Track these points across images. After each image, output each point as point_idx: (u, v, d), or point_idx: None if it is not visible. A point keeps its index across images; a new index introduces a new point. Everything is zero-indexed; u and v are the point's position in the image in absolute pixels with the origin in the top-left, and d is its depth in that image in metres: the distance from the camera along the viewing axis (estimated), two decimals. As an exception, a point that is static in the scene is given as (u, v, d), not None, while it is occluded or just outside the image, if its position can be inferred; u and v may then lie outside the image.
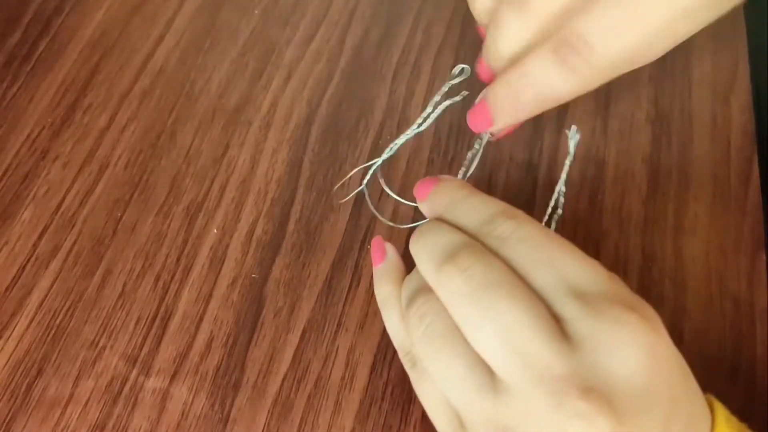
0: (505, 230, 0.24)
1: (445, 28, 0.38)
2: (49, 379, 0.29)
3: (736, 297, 0.30)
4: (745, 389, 0.26)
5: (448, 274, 0.23)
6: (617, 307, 0.21)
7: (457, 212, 0.26)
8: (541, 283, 0.22)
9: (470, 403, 0.22)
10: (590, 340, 0.21)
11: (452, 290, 0.23)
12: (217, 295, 0.31)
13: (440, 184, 0.28)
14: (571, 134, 0.32)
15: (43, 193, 0.33)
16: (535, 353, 0.21)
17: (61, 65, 0.37)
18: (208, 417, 0.28)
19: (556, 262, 0.23)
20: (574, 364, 0.21)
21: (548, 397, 0.20)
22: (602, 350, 0.21)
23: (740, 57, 0.36)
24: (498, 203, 0.26)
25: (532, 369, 0.21)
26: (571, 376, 0.20)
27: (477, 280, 0.22)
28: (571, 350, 0.21)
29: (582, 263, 0.23)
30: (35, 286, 0.31)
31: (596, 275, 0.22)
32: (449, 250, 0.24)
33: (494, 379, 0.22)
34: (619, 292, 0.22)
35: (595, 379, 0.20)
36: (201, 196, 0.33)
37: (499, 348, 0.21)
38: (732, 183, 0.32)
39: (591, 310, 0.21)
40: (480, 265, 0.23)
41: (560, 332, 0.21)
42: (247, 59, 0.37)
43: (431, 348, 0.23)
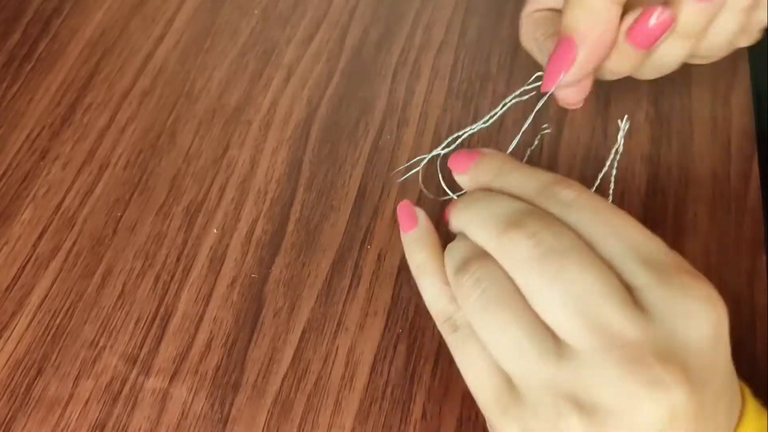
0: (567, 196, 0.23)
1: (445, 28, 0.38)
2: (49, 379, 0.29)
3: (736, 296, 0.30)
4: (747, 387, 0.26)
5: (513, 240, 0.22)
6: (687, 276, 0.21)
7: (509, 181, 0.25)
8: (610, 251, 0.22)
9: (530, 367, 0.21)
10: (662, 308, 0.21)
11: (519, 256, 0.22)
12: (216, 295, 0.31)
13: (484, 157, 0.27)
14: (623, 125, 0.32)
15: (43, 193, 0.33)
16: (607, 319, 0.20)
17: (61, 65, 0.37)
18: (208, 417, 0.28)
19: (623, 231, 0.22)
20: (648, 331, 0.20)
21: (622, 362, 0.20)
22: (676, 319, 0.20)
23: (740, 57, 0.36)
24: (552, 173, 0.25)
25: (604, 335, 0.20)
26: (645, 343, 0.20)
27: (546, 246, 0.22)
28: (644, 318, 0.21)
29: (647, 234, 0.23)
30: (35, 286, 0.31)
31: (661, 247, 0.22)
32: (511, 217, 0.23)
33: (559, 345, 0.21)
34: (685, 265, 0.22)
35: (671, 347, 0.20)
36: (201, 196, 0.33)
37: (570, 313, 0.21)
38: (732, 183, 0.32)
39: (662, 279, 0.21)
40: (548, 232, 0.22)
41: (632, 300, 0.21)
42: (247, 59, 0.37)
43: (486, 312, 0.23)
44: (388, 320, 0.30)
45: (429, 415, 0.28)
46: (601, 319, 0.20)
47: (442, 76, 0.36)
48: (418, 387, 0.28)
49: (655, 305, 0.21)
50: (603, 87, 0.35)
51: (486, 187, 0.26)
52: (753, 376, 0.28)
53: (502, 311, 0.22)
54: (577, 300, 0.21)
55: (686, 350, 0.20)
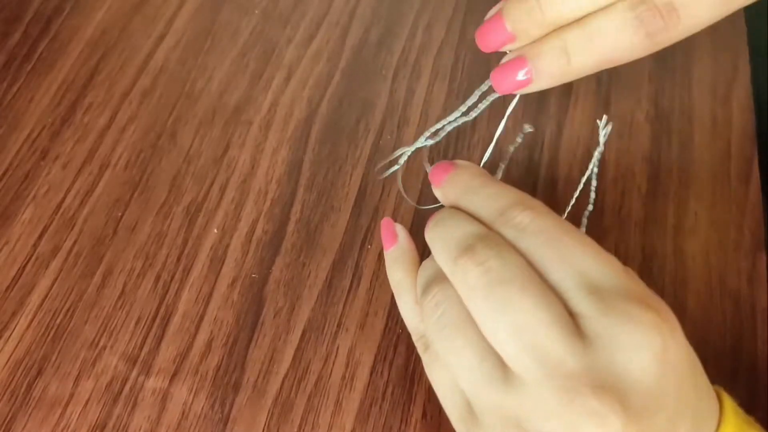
0: (522, 221, 0.23)
1: (445, 28, 0.38)
2: (49, 379, 0.29)
3: (737, 296, 0.30)
4: (745, 388, 0.26)
5: (463, 267, 0.23)
6: (632, 304, 0.21)
7: (473, 201, 0.26)
8: (557, 278, 0.22)
9: (480, 392, 0.22)
10: (604, 337, 0.21)
11: (468, 283, 0.23)
12: (217, 295, 0.31)
13: (455, 171, 0.27)
14: (602, 125, 0.31)
15: (44, 193, 0.33)
16: (548, 349, 0.21)
17: (61, 65, 0.37)
18: (208, 417, 0.28)
19: (572, 257, 0.22)
20: (588, 361, 0.20)
21: (560, 393, 0.20)
22: (616, 349, 0.21)
23: (740, 57, 0.36)
24: (515, 193, 0.25)
25: (544, 364, 0.21)
26: (583, 373, 0.20)
27: (493, 274, 0.22)
28: (584, 347, 0.21)
29: (598, 258, 0.23)
30: (35, 286, 0.31)
31: (612, 270, 0.22)
32: (466, 242, 0.23)
33: (506, 371, 0.22)
34: (634, 289, 0.22)
35: (608, 377, 0.20)
36: (201, 196, 0.33)
37: (513, 342, 0.21)
38: (732, 182, 0.32)
39: (606, 307, 0.21)
40: (496, 259, 0.22)
41: (575, 329, 0.21)
42: (248, 59, 0.37)
43: (444, 336, 0.23)
44: (388, 320, 0.30)
45: (429, 415, 0.28)
46: (543, 349, 0.21)
47: (443, 76, 0.36)
48: (418, 387, 0.28)
49: (596, 334, 0.21)
50: (603, 87, 0.35)
51: (455, 204, 0.26)
52: (753, 376, 0.28)
53: (456, 336, 0.23)
54: (520, 329, 0.21)
55: (625, 379, 0.20)
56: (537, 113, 0.34)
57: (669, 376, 0.21)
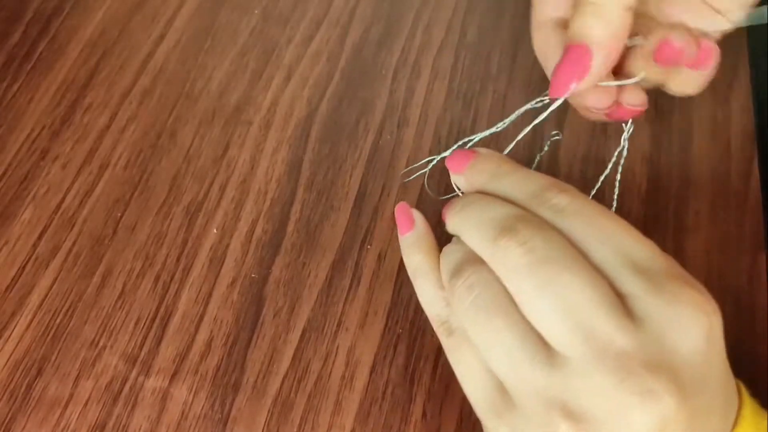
0: (559, 203, 0.23)
1: (445, 28, 0.38)
2: (48, 379, 0.29)
3: (737, 296, 0.30)
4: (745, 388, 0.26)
5: (505, 247, 0.22)
6: (679, 283, 0.21)
7: (504, 185, 0.25)
8: (602, 258, 0.22)
9: (521, 374, 0.22)
10: (654, 316, 0.21)
11: (511, 263, 0.22)
12: (217, 295, 0.31)
13: (481, 158, 0.27)
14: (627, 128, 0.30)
15: (43, 193, 0.33)
16: (598, 327, 0.20)
17: (61, 65, 0.37)
18: (208, 417, 0.28)
19: (614, 238, 0.22)
20: (639, 339, 0.20)
21: (611, 372, 0.20)
22: (666, 327, 0.20)
23: (740, 57, 0.36)
24: (546, 177, 0.25)
25: (594, 343, 0.20)
26: (635, 351, 0.20)
27: (538, 253, 0.22)
28: (634, 326, 0.21)
29: (640, 240, 0.22)
30: (35, 286, 0.31)
31: (654, 252, 0.22)
32: (504, 222, 0.23)
33: (550, 352, 0.21)
34: (678, 270, 0.22)
35: (660, 356, 0.20)
36: (201, 196, 0.33)
37: (561, 321, 0.21)
38: (732, 182, 0.32)
39: (653, 286, 0.21)
40: (540, 239, 0.22)
41: (623, 308, 0.21)
42: (247, 59, 0.37)
43: (478, 318, 0.23)
44: (388, 320, 0.30)
45: (429, 415, 0.28)
46: (592, 328, 0.21)
47: (442, 76, 0.36)
48: (418, 387, 0.28)
49: (645, 313, 0.21)
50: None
51: (481, 190, 0.26)
52: (753, 376, 0.28)
53: (494, 318, 0.22)
54: (567, 308, 0.21)
55: (676, 359, 0.20)
56: (537, 113, 0.34)
57: (713, 357, 0.21)
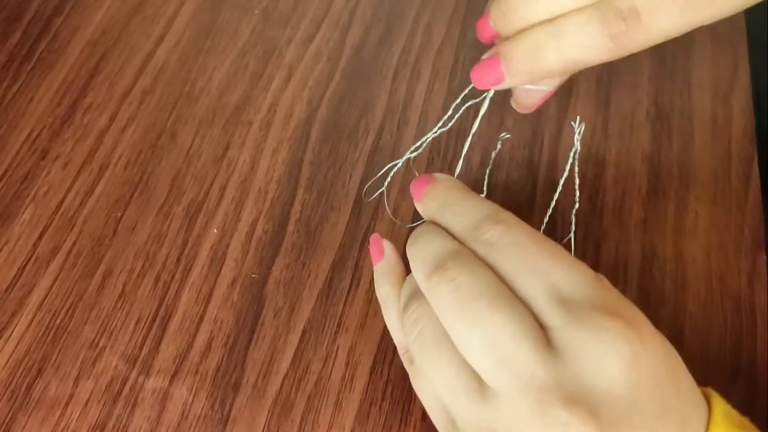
0: (492, 236, 0.24)
1: (445, 28, 0.38)
2: (49, 379, 0.29)
3: (737, 296, 0.30)
4: (745, 388, 0.26)
5: (435, 284, 0.23)
6: (600, 314, 0.21)
7: (447, 216, 0.26)
8: (526, 291, 0.23)
9: (459, 405, 0.23)
10: (573, 349, 0.21)
11: (440, 299, 0.23)
12: (217, 295, 0.31)
13: (433, 185, 0.27)
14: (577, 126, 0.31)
15: (44, 193, 0.33)
16: (519, 362, 0.21)
17: (61, 65, 0.37)
18: (208, 417, 0.28)
19: (541, 269, 0.23)
20: (558, 373, 0.21)
21: (532, 406, 0.20)
22: (585, 359, 0.21)
23: (740, 57, 0.36)
24: (486, 207, 0.25)
25: (516, 378, 0.21)
26: (554, 385, 0.20)
27: (463, 290, 0.23)
28: (554, 359, 0.21)
29: (568, 268, 0.23)
30: (35, 286, 0.31)
31: (582, 280, 0.22)
32: (438, 259, 0.24)
33: (482, 385, 0.22)
34: (604, 298, 0.22)
35: (579, 388, 0.20)
36: (201, 196, 0.33)
37: (485, 356, 0.22)
38: (732, 182, 0.32)
39: (574, 319, 0.21)
40: (466, 275, 0.23)
41: (545, 341, 0.21)
42: (248, 59, 0.37)
43: (423, 351, 0.24)
44: (388, 320, 0.30)
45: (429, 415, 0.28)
46: (514, 363, 0.21)
47: (442, 77, 0.36)
48: (419, 387, 0.28)
49: (565, 345, 0.21)
50: (603, 87, 0.35)
51: (432, 219, 0.27)
52: (753, 377, 0.28)
53: (434, 352, 0.23)
54: (491, 344, 0.22)
55: (594, 390, 0.20)
56: (537, 113, 0.34)
57: (643, 383, 0.21)
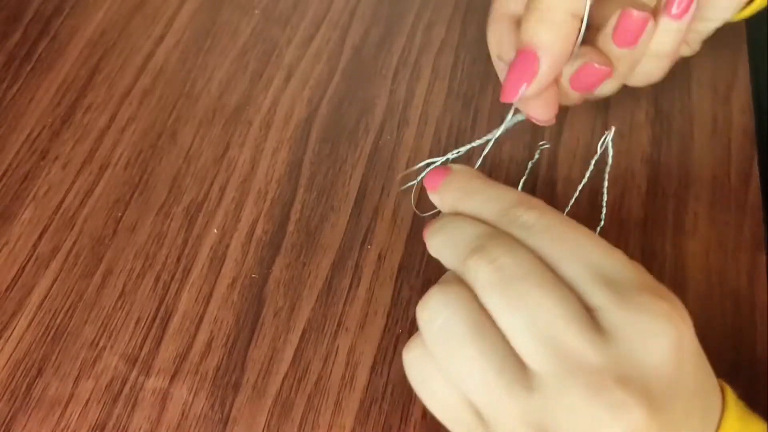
0: (528, 220, 0.24)
1: (445, 28, 0.38)
2: (49, 379, 0.29)
3: (737, 296, 0.30)
4: (745, 388, 0.26)
5: (476, 266, 0.23)
6: (646, 295, 0.21)
7: (474, 203, 0.26)
8: (571, 274, 0.22)
9: (500, 404, 0.21)
10: (622, 329, 0.21)
11: (481, 282, 0.22)
12: (217, 295, 0.31)
13: (452, 175, 0.27)
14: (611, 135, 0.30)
15: (43, 193, 0.33)
16: (568, 343, 0.21)
17: (61, 65, 0.37)
18: (208, 417, 0.28)
19: (583, 252, 0.23)
20: (608, 354, 0.20)
21: (584, 387, 0.20)
22: (634, 340, 0.21)
23: (740, 57, 0.36)
24: (515, 193, 0.25)
25: (565, 359, 0.21)
26: (605, 366, 0.20)
27: (507, 271, 0.22)
28: (604, 340, 0.21)
29: (608, 252, 0.23)
30: (35, 286, 0.31)
31: (622, 263, 0.22)
32: (473, 243, 0.23)
33: (526, 374, 0.21)
34: (646, 280, 0.22)
35: (630, 368, 0.20)
36: (201, 196, 0.33)
37: (532, 338, 0.21)
38: (732, 182, 0.32)
39: (621, 299, 0.21)
40: (509, 256, 0.22)
41: (593, 322, 0.21)
42: (248, 59, 0.37)
43: (449, 344, 0.22)
44: (388, 320, 0.30)
45: (429, 415, 0.28)
46: (562, 344, 0.21)
47: (443, 76, 0.36)
48: (419, 387, 0.28)
49: (614, 326, 0.21)
50: (603, 87, 0.35)
51: (454, 208, 0.27)
52: (753, 376, 0.28)
53: (466, 345, 0.22)
54: (538, 325, 0.21)
55: (646, 371, 0.20)
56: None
57: (685, 365, 0.21)
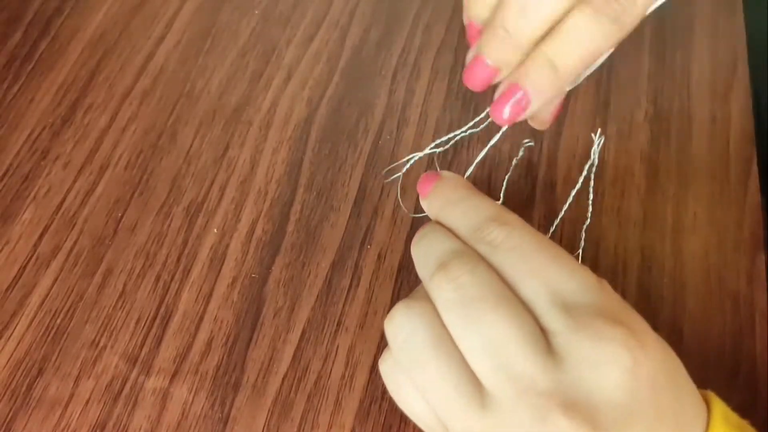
0: (496, 238, 0.24)
1: (445, 28, 0.38)
2: (49, 378, 0.29)
3: (736, 296, 0.30)
4: (745, 388, 0.26)
5: (438, 284, 0.23)
6: (601, 320, 0.21)
7: (452, 215, 0.26)
8: (529, 294, 0.22)
9: (456, 418, 0.22)
10: (574, 355, 0.21)
11: (442, 300, 0.23)
12: (217, 294, 0.31)
13: (438, 183, 0.27)
14: (597, 138, 0.31)
15: (44, 193, 0.34)
16: (519, 367, 0.21)
17: (61, 65, 0.37)
18: (208, 417, 0.28)
19: (545, 273, 0.23)
20: (558, 378, 0.21)
21: (532, 412, 0.20)
22: (585, 366, 0.21)
23: (740, 57, 0.36)
24: (491, 207, 0.25)
25: (517, 383, 0.21)
26: (554, 391, 0.20)
27: (465, 290, 0.22)
28: (555, 365, 0.21)
29: (571, 273, 0.23)
30: (36, 286, 0.31)
31: (585, 286, 0.22)
32: (441, 258, 0.24)
33: (482, 393, 0.22)
34: (606, 304, 0.22)
35: (578, 395, 0.20)
36: (201, 196, 0.33)
37: (486, 360, 0.21)
38: (731, 182, 0.32)
39: (575, 324, 0.21)
40: (469, 276, 0.23)
41: (546, 346, 0.21)
42: (248, 59, 0.37)
43: (414, 355, 0.23)
44: (388, 320, 0.30)
45: (429, 414, 0.28)
46: (513, 367, 0.21)
47: (442, 77, 0.36)
48: (418, 387, 0.28)
49: (566, 351, 0.21)
50: (602, 87, 0.36)
51: (437, 217, 0.27)
52: (753, 376, 0.28)
53: (430, 357, 0.22)
54: (491, 347, 0.21)
55: (594, 398, 0.20)
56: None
57: (642, 390, 0.21)
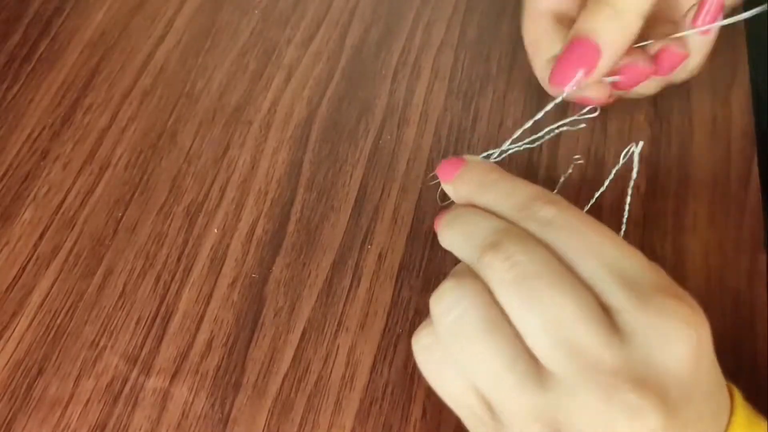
0: (546, 215, 0.23)
1: (445, 28, 0.38)
2: (49, 379, 0.29)
3: (736, 296, 0.30)
4: (745, 388, 0.26)
5: (490, 263, 0.22)
6: (666, 297, 0.21)
7: (490, 196, 0.25)
8: (588, 272, 0.22)
9: (510, 397, 0.21)
10: (641, 331, 0.20)
11: (496, 278, 0.22)
12: (217, 294, 0.31)
13: (468, 166, 0.26)
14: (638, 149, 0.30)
15: (44, 194, 0.34)
16: (584, 345, 0.20)
17: (61, 65, 0.37)
18: (208, 417, 0.28)
19: (601, 250, 0.22)
20: (625, 355, 0.20)
21: (599, 390, 0.20)
22: (653, 342, 0.20)
23: (740, 57, 0.36)
24: (533, 187, 0.25)
25: (580, 360, 0.20)
26: (622, 368, 0.20)
27: (522, 268, 0.21)
28: (621, 342, 0.20)
29: (627, 252, 0.22)
30: (36, 286, 0.31)
31: (641, 265, 0.22)
32: (490, 237, 0.23)
33: (540, 371, 0.21)
34: (665, 282, 0.22)
35: (647, 371, 0.20)
36: (201, 196, 0.33)
37: (547, 338, 0.21)
38: (732, 182, 0.32)
39: (639, 300, 0.21)
40: (524, 253, 0.22)
41: (609, 323, 0.21)
42: (248, 59, 0.37)
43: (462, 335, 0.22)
44: (388, 320, 0.30)
45: (429, 414, 0.28)
46: (578, 345, 0.20)
47: (442, 76, 0.36)
48: (418, 387, 0.28)
49: (632, 328, 0.21)
50: (603, 87, 0.35)
51: (468, 201, 0.26)
52: (753, 376, 0.28)
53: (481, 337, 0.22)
54: (553, 325, 0.21)
55: (663, 374, 0.20)
56: (536, 113, 0.34)
57: (701, 369, 0.21)
